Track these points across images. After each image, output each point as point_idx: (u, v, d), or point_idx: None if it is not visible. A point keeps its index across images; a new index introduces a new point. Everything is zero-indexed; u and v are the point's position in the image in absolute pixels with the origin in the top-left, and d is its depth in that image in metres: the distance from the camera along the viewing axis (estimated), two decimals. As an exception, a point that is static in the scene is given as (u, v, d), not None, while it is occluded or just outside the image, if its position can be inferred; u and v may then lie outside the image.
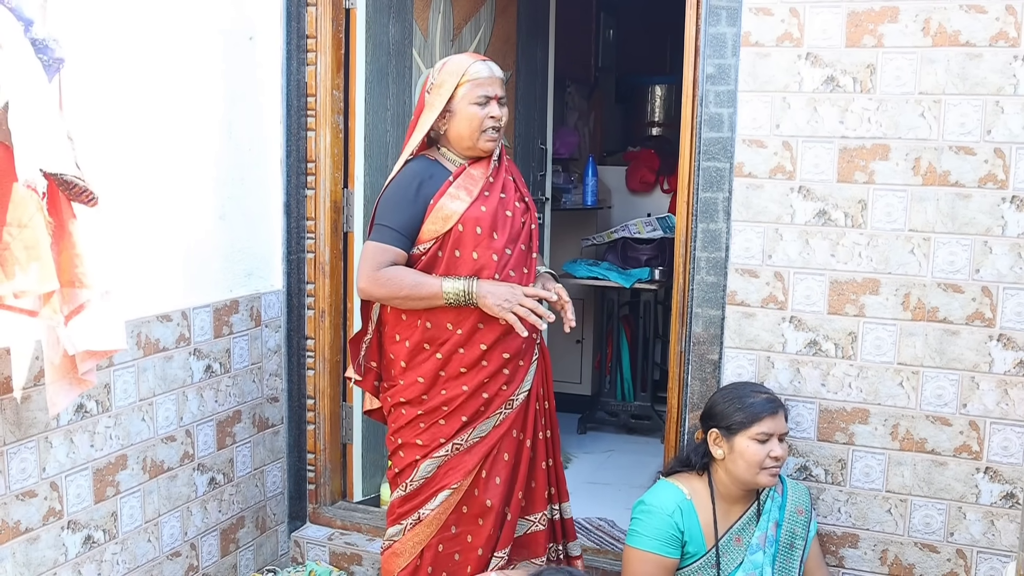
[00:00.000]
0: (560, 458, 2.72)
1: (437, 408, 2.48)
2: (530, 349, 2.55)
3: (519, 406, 2.53)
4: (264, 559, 3.24)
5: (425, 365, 2.48)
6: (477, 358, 2.45)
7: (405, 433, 2.52)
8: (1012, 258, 2.50)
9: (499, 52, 3.83)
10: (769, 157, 2.67)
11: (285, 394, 3.28)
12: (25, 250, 1.92)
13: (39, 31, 1.94)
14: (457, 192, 2.45)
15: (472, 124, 2.45)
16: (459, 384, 2.46)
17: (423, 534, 2.51)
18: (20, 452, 2.26)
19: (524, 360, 2.54)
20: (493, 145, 2.50)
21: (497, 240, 2.45)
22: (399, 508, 2.55)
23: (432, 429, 2.49)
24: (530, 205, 2.61)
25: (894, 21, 2.52)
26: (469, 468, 2.48)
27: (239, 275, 3.05)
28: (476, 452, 2.49)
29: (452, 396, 2.47)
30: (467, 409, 2.47)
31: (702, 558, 2.52)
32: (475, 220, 2.43)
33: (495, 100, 2.47)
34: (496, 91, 2.48)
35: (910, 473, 2.64)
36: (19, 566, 2.27)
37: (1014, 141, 2.46)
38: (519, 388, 2.53)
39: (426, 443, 2.49)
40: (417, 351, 2.49)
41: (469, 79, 2.46)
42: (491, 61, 2.53)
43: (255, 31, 3.05)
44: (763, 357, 2.73)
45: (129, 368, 2.58)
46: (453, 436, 2.48)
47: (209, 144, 2.88)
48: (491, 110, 2.46)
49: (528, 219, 2.58)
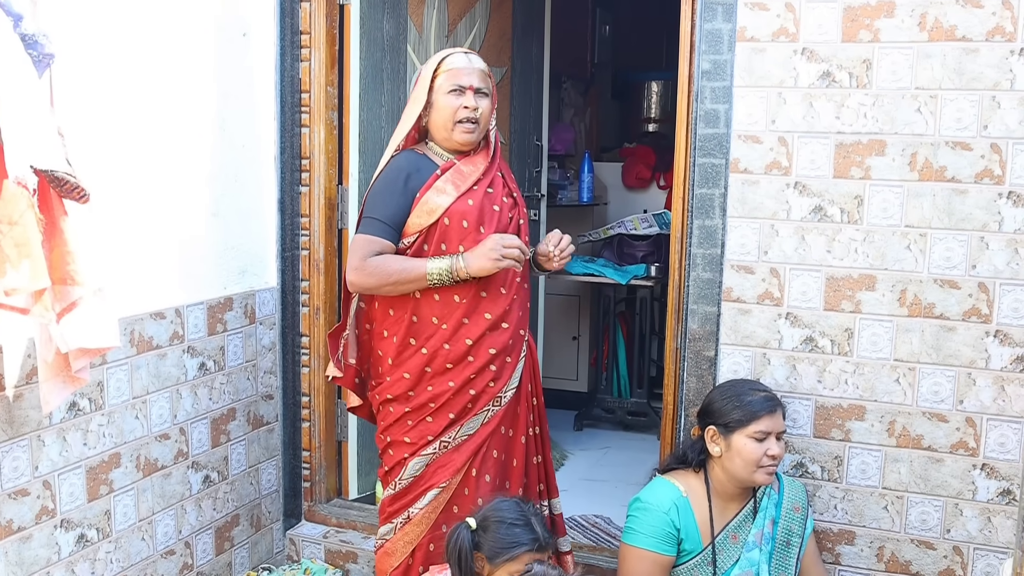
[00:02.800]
0: (550, 454, 2.71)
1: (424, 405, 2.47)
2: (518, 345, 2.53)
3: (508, 403, 2.52)
4: (259, 557, 3.23)
5: (411, 361, 2.47)
6: (463, 353, 2.44)
7: (393, 431, 2.51)
8: (1009, 254, 2.49)
9: (494, 48, 3.82)
10: (765, 153, 2.66)
11: (280, 391, 3.27)
12: (16, 247, 1.90)
13: (29, 26, 1.92)
14: (444, 186, 2.44)
15: (445, 114, 2.45)
16: (445, 380, 2.45)
17: (413, 533, 2.49)
18: (12, 450, 2.25)
19: (512, 356, 2.52)
20: (470, 137, 2.47)
21: (484, 234, 2.43)
22: (389, 507, 2.54)
23: (420, 426, 2.48)
24: (518, 200, 2.60)
25: (890, 16, 2.51)
26: (458, 466, 2.46)
27: (233, 272, 3.03)
28: (464, 450, 2.47)
29: (438, 392, 2.45)
30: (454, 406, 2.46)
31: (698, 555, 2.51)
32: (461, 214, 2.42)
33: (471, 90, 2.44)
34: (473, 81, 2.45)
35: (907, 470, 2.64)
36: (11, 565, 2.26)
37: (1011, 136, 2.46)
38: (507, 385, 2.51)
39: (414, 440, 2.48)
40: (403, 347, 2.48)
41: (445, 69, 2.46)
42: (475, 54, 2.52)
43: (248, 27, 3.04)
44: (759, 354, 2.72)
45: (122, 366, 2.57)
46: (441, 433, 2.46)
47: (202, 141, 2.86)
48: (466, 100, 2.43)
49: (516, 214, 2.57)
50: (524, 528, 2.19)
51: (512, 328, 2.50)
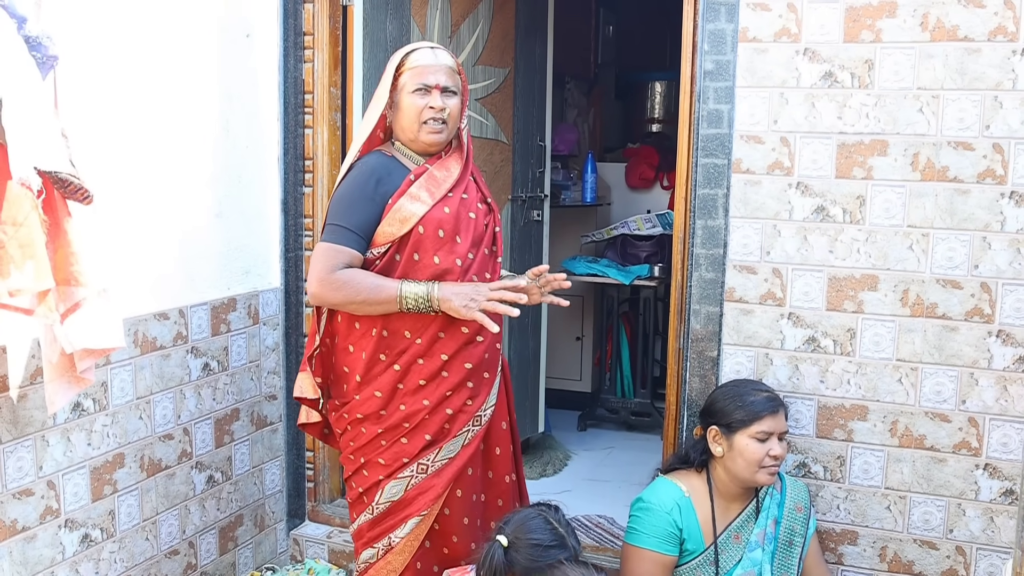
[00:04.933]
0: (523, 471, 2.61)
1: (398, 425, 2.33)
2: (494, 359, 2.42)
3: (487, 422, 2.41)
4: (263, 557, 3.24)
5: (382, 378, 2.32)
6: (437, 369, 2.30)
7: (367, 451, 2.37)
8: (1011, 253, 2.49)
9: (497, 48, 3.82)
10: (767, 153, 2.66)
11: (283, 392, 3.27)
12: (20, 248, 1.91)
13: (33, 28, 1.93)
14: (418, 192, 2.29)
15: (410, 115, 2.31)
16: (419, 398, 2.31)
17: (396, 562, 2.37)
18: (17, 451, 2.25)
19: (489, 372, 2.40)
20: (437, 138, 2.32)
21: (460, 244, 2.31)
22: (368, 532, 2.41)
23: (394, 448, 2.34)
24: (492, 207, 2.46)
25: (892, 16, 2.51)
26: (439, 492, 2.34)
27: (236, 273, 3.04)
28: (445, 474, 2.35)
29: (413, 411, 2.32)
30: (430, 426, 2.32)
31: (701, 555, 2.51)
32: (437, 222, 2.27)
33: (437, 89, 2.30)
34: (440, 80, 2.30)
35: (909, 470, 2.64)
36: (16, 565, 2.27)
37: (1013, 136, 2.46)
38: (485, 403, 2.39)
39: (388, 462, 2.35)
40: (373, 363, 2.33)
41: (409, 67, 2.31)
42: (441, 49, 2.39)
43: (252, 28, 3.05)
44: (761, 354, 2.72)
45: (126, 366, 2.58)
46: (417, 456, 2.33)
47: (206, 142, 2.87)
48: (432, 100, 2.29)
49: (491, 221, 2.44)
50: (558, 548, 2.14)
51: (487, 342, 2.37)
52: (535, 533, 2.15)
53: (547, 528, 2.17)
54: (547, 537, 2.15)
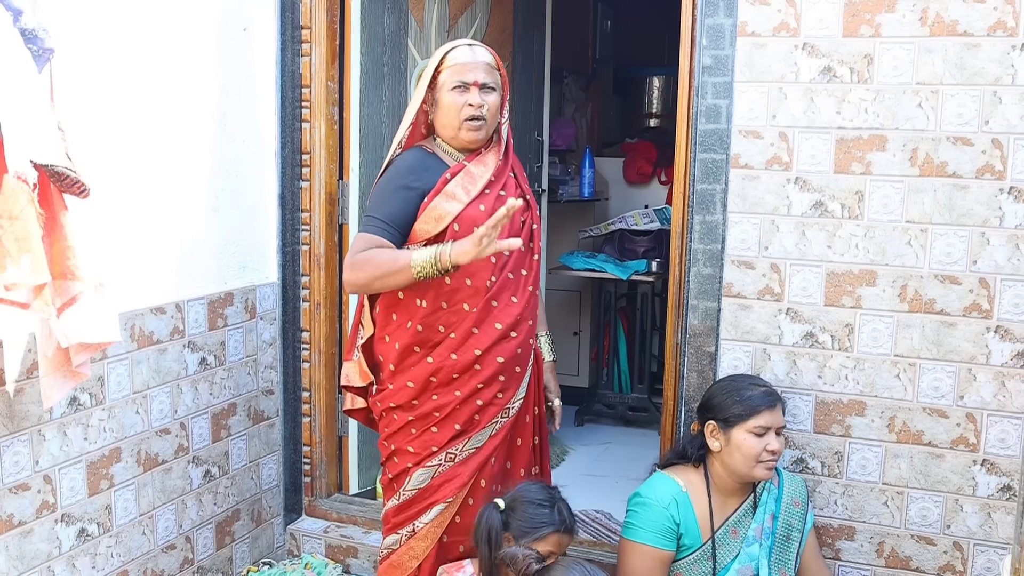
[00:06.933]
0: (548, 465, 2.65)
1: (428, 414, 2.38)
2: (526, 354, 2.45)
3: (515, 414, 2.44)
4: (260, 552, 3.24)
5: (415, 369, 2.38)
6: (470, 363, 2.34)
7: (397, 439, 2.43)
8: (1010, 249, 2.49)
9: (495, 43, 3.81)
10: (765, 148, 2.65)
11: (280, 387, 3.27)
12: (16, 242, 1.90)
13: (28, 20, 1.92)
14: (454, 191, 2.33)
15: (451, 113, 2.35)
16: (451, 390, 2.36)
17: (419, 548, 2.42)
18: (13, 445, 2.25)
19: (520, 367, 2.44)
20: (477, 135, 2.36)
21: None
22: (394, 517, 2.46)
23: (424, 436, 2.39)
24: (531, 203, 2.49)
25: (891, 11, 2.51)
26: (464, 481, 2.39)
27: (233, 267, 3.03)
28: (471, 463, 2.39)
29: (444, 402, 2.36)
30: (460, 416, 2.37)
31: (698, 550, 2.51)
32: (472, 220, 2.29)
33: (475, 86, 2.34)
34: (478, 77, 2.33)
35: (907, 465, 2.64)
36: (12, 559, 2.27)
37: (1012, 132, 2.45)
38: (515, 396, 2.43)
39: (418, 450, 2.40)
40: (407, 353, 2.38)
41: (448, 65, 2.35)
42: (480, 46, 2.41)
43: (249, 22, 3.04)
44: (759, 349, 2.72)
45: (123, 361, 2.57)
46: (446, 445, 2.38)
47: (203, 135, 2.86)
48: (471, 97, 2.33)
49: (528, 217, 2.46)
50: (551, 510, 2.26)
51: (521, 337, 2.41)
52: (530, 494, 2.28)
53: (543, 492, 2.29)
54: (541, 498, 2.27)
